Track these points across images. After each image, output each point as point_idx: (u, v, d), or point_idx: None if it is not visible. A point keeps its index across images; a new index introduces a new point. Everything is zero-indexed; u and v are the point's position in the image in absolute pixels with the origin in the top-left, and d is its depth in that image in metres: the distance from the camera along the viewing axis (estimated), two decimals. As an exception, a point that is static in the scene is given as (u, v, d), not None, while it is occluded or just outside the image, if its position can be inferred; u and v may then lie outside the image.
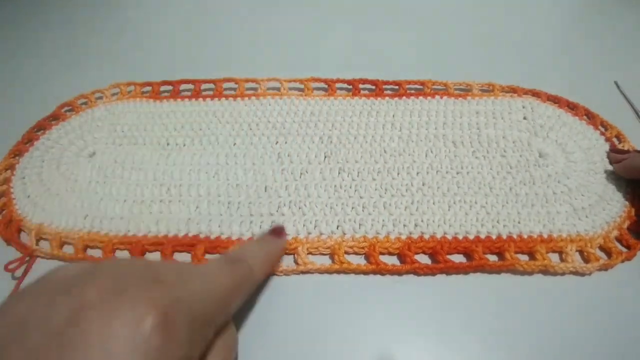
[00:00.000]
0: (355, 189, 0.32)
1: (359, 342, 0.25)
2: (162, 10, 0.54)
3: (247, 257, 0.24)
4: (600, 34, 0.48)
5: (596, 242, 0.29)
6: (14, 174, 0.34)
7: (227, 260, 0.23)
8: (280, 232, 0.28)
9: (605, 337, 0.25)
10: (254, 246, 0.26)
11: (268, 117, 0.37)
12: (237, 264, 0.23)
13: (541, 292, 0.27)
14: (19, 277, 0.29)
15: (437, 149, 0.34)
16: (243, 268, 0.23)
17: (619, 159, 0.32)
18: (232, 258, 0.23)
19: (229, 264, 0.22)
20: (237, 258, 0.23)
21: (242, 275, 0.22)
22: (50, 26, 0.52)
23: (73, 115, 0.39)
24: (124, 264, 0.20)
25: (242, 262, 0.23)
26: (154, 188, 0.32)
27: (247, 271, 0.23)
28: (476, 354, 0.24)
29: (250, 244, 0.27)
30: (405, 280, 0.28)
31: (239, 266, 0.23)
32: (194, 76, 0.41)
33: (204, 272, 0.21)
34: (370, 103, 0.38)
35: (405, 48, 0.46)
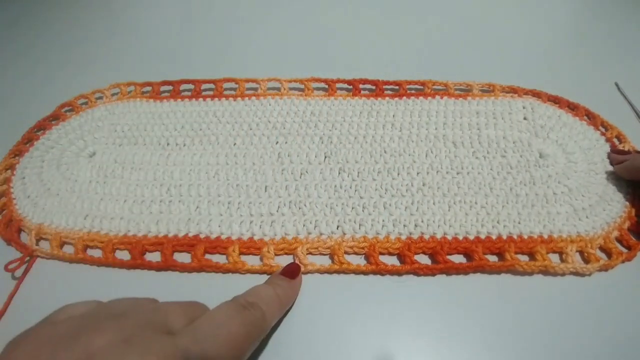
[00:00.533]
0: (355, 189, 0.32)
1: (359, 342, 0.25)
2: (163, 11, 0.54)
3: (260, 302, 0.22)
4: (600, 34, 0.48)
5: (596, 242, 0.29)
6: (14, 174, 0.34)
7: (239, 305, 0.21)
8: (295, 273, 0.27)
9: (606, 338, 0.25)
10: (269, 290, 0.24)
11: (268, 117, 0.37)
12: (250, 310, 0.21)
13: (541, 292, 0.27)
14: (19, 277, 0.29)
15: (437, 149, 0.34)
16: (256, 315, 0.22)
17: (620, 159, 0.32)
18: (244, 303, 0.22)
19: (241, 310, 0.21)
20: (250, 303, 0.22)
21: (255, 323, 0.21)
22: (50, 26, 0.52)
23: (73, 115, 0.39)
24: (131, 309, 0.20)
25: (255, 308, 0.22)
26: (154, 188, 0.32)
27: (259, 318, 0.22)
28: (476, 354, 0.24)
29: (265, 287, 0.24)
30: (405, 280, 0.27)
31: (252, 313, 0.21)
32: (194, 76, 0.41)
33: (215, 318, 0.20)
34: (370, 103, 0.38)
35: (405, 48, 0.46)
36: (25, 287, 0.28)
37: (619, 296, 0.26)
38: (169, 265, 0.28)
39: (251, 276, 0.28)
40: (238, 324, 0.20)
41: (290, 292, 0.26)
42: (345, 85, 0.39)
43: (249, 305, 0.22)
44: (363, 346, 0.25)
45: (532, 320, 0.25)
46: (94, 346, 0.17)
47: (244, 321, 0.21)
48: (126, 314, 0.19)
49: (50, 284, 0.28)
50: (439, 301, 0.26)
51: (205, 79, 0.41)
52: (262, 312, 0.22)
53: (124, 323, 0.18)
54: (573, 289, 0.27)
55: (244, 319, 0.21)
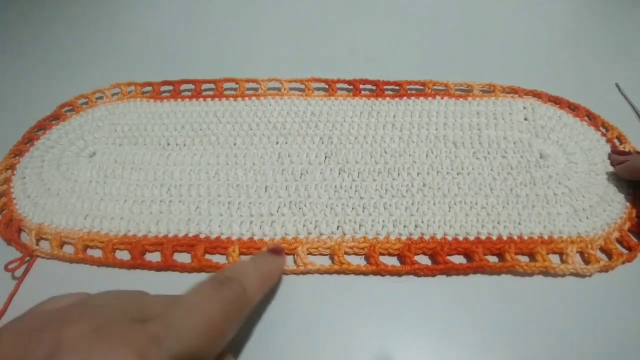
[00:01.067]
0: (355, 189, 0.32)
1: (359, 342, 0.25)
2: (163, 11, 0.54)
3: (239, 275, 0.21)
4: (601, 34, 0.48)
5: (597, 243, 0.28)
6: (14, 173, 0.34)
7: (216, 282, 0.20)
8: (278, 250, 0.26)
9: (606, 338, 0.25)
10: (248, 264, 0.23)
11: (268, 117, 0.37)
12: (227, 285, 0.20)
13: (541, 293, 0.27)
14: (19, 277, 0.29)
15: (437, 150, 0.34)
16: (234, 290, 0.20)
17: (621, 160, 0.32)
18: (221, 279, 0.21)
19: (218, 286, 0.20)
20: (227, 278, 0.21)
21: (233, 298, 0.20)
22: (50, 26, 0.52)
23: (73, 115, 0.39)
24: (114, 300, 0.19)
25: (233, 282, 0.21)
26: (154, 188, 0.32)
27: (239, 292, 0.20)
28: (476, 355, 0.24)
29: (244, 262, 0.24)
30: (404, 280, 0.27)
31: (230, 288, 0.20)
32: (195, 76, 0.41)
33: (189, 300, 0.19)
34: (370, 103, 0.38)
35: (405, 48, 0.46)
36: (25, 287, 0.28)
37: (619, 297, 0.26)
38: (169, 265, 0.28)
39: (251, 276, 0.28)
40: (214, 303, 0.19)
41: (274, 266, 0.25)
42: (345, 86, 0.39)
43: (227, 281, 0.20)
44: (363, 346, 0.25)
45: (532, 321, 0.25)
46: (62, 337, 0.16)
47: (221, 299, 0.20)
48: (107, 305, 0.19)
49: (50, 284, 0.28)
50: (439, 302, 0.26)
51: (205, 79, 0.41)
52: (242, 287, 0.21)
53: (99, 313, 0.18)
54: (573, 289, 0.27)
55: (221, 296, 0.20)
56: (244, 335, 0.25)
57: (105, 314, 0.18)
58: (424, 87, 0.39)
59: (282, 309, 0.26)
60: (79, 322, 0.17)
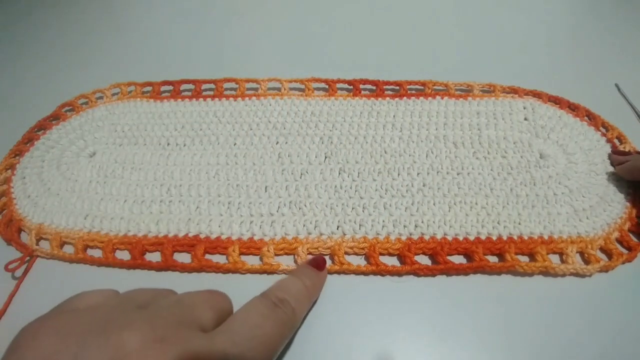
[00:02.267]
0: (355, 189, 0.32)
1: (359, 342, 0.25)
2: (163, 11, 0.54)
3: (290, 297, 0.22)
4: (601, 34, 0.48)
5: (597, 243, 0.28)
6: (14, 173, 0.34)
7: (271, 303, 0.21)
8: (321, 263, 0.26)
9: (606, 339, 0.25)
10: (298, 284, 0.24)
11: (268, 117, 0.37)
12: (281, 307, 0.21)
13: (541, 293, 0.27)
14: (19, 277, 0.29)
15: (437, 150, 0.34)
16: (287, 313, 0.21)
17: (621, 160, 0.32)
18: (276, 300, 0.21)
19: (273, 308, 0.21)
20: (281, 299, 0.22)
21: (287, 321, 0.21)
22: (50, 26, 0.52)
23: (73, 115, 0.39)
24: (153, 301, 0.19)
25: (285, 305, 0.22)
26: (154, 188, 0.32)
27: (290, 316, 0.22)
28: (476, 355, 0.24)
29: (294, 280, 0.24)
30: (405, 280, 0.27)
31: (284, 312, 0.21)
32: (195, 76, 0.41)
33: (250, 319, 0.20)
34: (370, 103, 0.38)
35: (405, 48, 0.46)
36: (25, 287, 0.28)
37: (619, 297, 0.26)
38: (169, 265, 0.28)
39: (251, 276, 0.28)
40: (272, 325, 0.20)
41: (318, 284, 0.26)
42: (345, 86, 0.39)
43: (280, 303, 0.21)
44: (363, 346, 0.25)
45: (532, 321, 0.25)
46: (127, 346, 0.16)
47: (277, 321, 0.21)
48: (150, 307, 0.19)
49: (50, 284, 0.28)
50: (439, 302, 0.26)
51: (205, 79, 0.41)
52: (292, 309, 0.22)
53: (154, 319, 0.17)
54: (573, 290, 0.27)
55: (276, 318, 0.21)
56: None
57: (160, 320, 0.17)
58: (424, 87, 0.39)
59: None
60: (138, 329, 0.16)
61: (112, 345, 0.16)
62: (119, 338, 0.16)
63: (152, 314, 0.18)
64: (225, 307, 0.21)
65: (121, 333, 0.16)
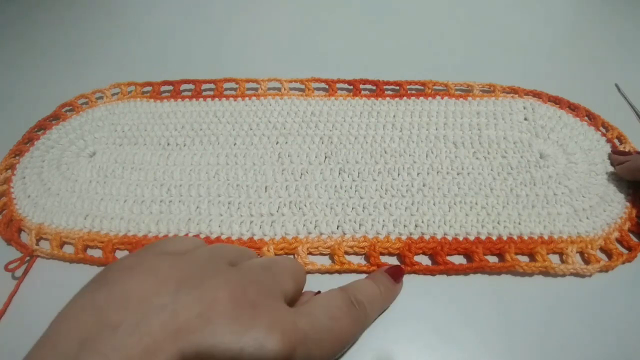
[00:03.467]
0: (355, 189, 0.32)
1: (359, 342, 0.25)
2: (163, 11, 0.54)
3: (367, 301, 0.22)
4: (600, 34, 0.48)
5: (597, 243, 0.28)
6: (15, 173, 0.34)
7: (351, 300, 0.22)
8: (400, 276, 0.26)
9: (606, 339, 0.25)
10: (375, 290, 0.24)
11: (268, 117, 0.37)
12: (359, 308, 0.22)
13: (541, 293, 0.27)
14: (19, 277, 0.29)
15: (437, 150, 0.34)
16: (363, 315, 0.22)
17: (621, 160, 0.32)
18: (355, 299, 0.22)
19: (352, 306, 0.21)
20: (360, 300, 0.22)
21: (360, 323, 0.22)
22: (50, 26, 0.52)
23: (73, 115, 0.39)
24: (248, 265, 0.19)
25: (362, 307, 0.22)
26: (154, 188, 0.32)
27: (363, 319, 0.22)
28: (476, 355, 0.24)
29: (373, 286, 0.24)
30: (406, 280, 0.27)
31: (361, 312, 0.22)
32: (195, 76, 0.41)
33: (330, 309, 0.20)
34: (370, 103, 0.38)
35: (405, 48, 0.46)
36: (25, 287, 0.28)
37: (619, 297, 0.26)
38: (169, 265, 0.28)
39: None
40: (348, 322, 0.21)
41: (392, 295, 0.26)
42: (345, 86, 0.39)
43: (358, 304, 0.22)
44: (363, 346, 0.25)
45: (532, 321, 0.25)
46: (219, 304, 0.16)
47: (353, 319, 0.21)
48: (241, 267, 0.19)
49: (50, 284, 0.28)
50: (439, 301, 0.26)
51: (205, 79, 0.41)
52: (366, 314, 0.22)
53: (246, 282, 0.18)
54: (573, 290, 0.27)
55: (353, 317, 0.21)
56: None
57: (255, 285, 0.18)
58: (424, 87, 0.39)
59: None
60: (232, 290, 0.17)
61: (207, 300, 0.16)
62: (214, 295, 0.16)
63: (244, 276, 0.18)
64: (304, 280, 0.22)
65: (216, 291, 0.17)
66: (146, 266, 0.17)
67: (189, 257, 0.19)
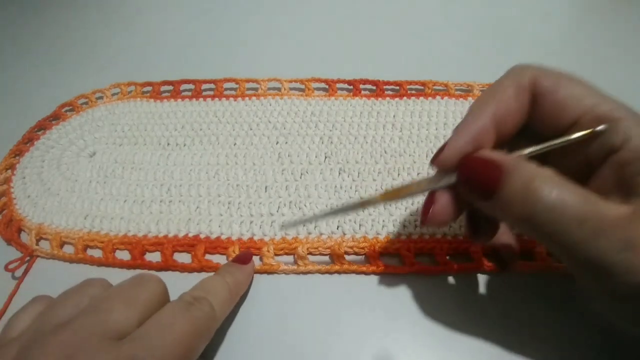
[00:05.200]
0: (355, 189, 0.32)
1: (359, 342, 0.25)
2: (163, 10, 0.54)
3: (207, 294, 0.22)
4: (600, 34, 0.48)
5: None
6: (14, 173, 0.34)
7: (185, 302, 0.21)
8: (247, 259, 0.27)
9: (606, 338, 0.25)
10: (216, 280, 0.24)
11: (268, 117, 0.37)
12: (196, 304, 0.21)
13: (541, 292, 0.27)
14: (19, 277, 0.29)
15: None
16: (203, 309, 0.21)
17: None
18: (190, 299, 0.21)
19: (187, 306, 0.21)
20: (196, 298, 0.21)
21: (202, 316, 0.21)
22: (50, 26, 0.52)
23: (73, 115, 0.39)
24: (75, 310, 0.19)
25: (201, 301, 0.21)
26: (154, 188, 0.32)
27: (207, 311, 0.21)
28: (476, 355, 0.24)
29: (213, 278, 0.24)
30: (405, 280, 0.27)
31: (199, 307, 0.21)
32: (195, 76, 0.41)
33: (162, 320, 0.20)
34: (370, 103, 0.38)
35: (405, 48, 0.46)
36: (25, 287, 0.28)
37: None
38: (169, 265, 0.28)
39: (251, 276, 0.28)
40: (183, 323, 0.20)
41: (241, 278, 0.25)
42: (345, 86, 0.39)
43: (195, 300, 0.21)
44: (363, 346, 0.25)
45: (533, 321, 0.25)
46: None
47: (190, 319, 0.20)
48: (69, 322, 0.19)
49: (50, 284, 0.28)
50: (439, 301, 0.26)
51: (205, 79, 0.41)
52: (209, 305, 0.21)
53: (68, 335, 0.18)
54: (573, 289, 0.27)
55: (190, 316, 0.20)
56: (244, 334, 0.25)
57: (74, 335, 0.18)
58: (424, 87, 0.39)
59: (282, 309, 0.26)
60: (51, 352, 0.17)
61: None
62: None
63: (66, 330, 0.18)
64: (148, 296, 0.20)
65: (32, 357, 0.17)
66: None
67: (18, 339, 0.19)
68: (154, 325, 0.19)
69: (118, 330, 0.18)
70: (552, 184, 0.17)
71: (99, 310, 0.19)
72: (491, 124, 0.20)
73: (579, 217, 0.17)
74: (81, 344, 0.17)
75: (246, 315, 0.26)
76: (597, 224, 0.17)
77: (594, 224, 0.17)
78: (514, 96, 0.21)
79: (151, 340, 0.18)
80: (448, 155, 0.20)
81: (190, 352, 0.20)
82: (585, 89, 0.20)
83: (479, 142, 0.20)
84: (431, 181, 0.21)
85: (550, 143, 0.20)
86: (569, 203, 0.17)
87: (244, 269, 0.26)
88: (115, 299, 0.20)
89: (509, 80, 0.21)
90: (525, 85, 0.21)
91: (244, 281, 0.26)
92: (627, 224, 0.17)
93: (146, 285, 0.21)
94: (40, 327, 0.19)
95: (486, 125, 0.20)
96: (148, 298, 0.20)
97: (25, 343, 0.18)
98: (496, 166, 0.19)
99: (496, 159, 0.19)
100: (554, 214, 0.17)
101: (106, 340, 0.18)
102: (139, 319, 0.19)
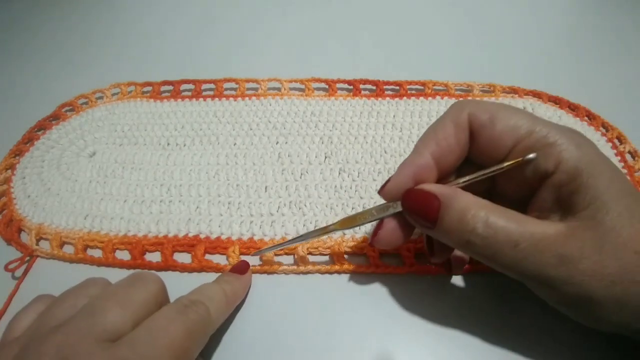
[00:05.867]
0: (355, 189, 0.32)
1: (359, 342, 0.25)
2: (163, 11, 0.54)
3: (204, 298, 0.22)
4: (601, 34, 0.48)
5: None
6: (14, 173, 0.34)
7: (181, 305, 0.21)
8: (244, 269, 0.27)
9: (606, 338, 0.25)
10: (213, 286, 0.24)
11: (268, 117, 0.37)
12: (191, 307, 0.21)
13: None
14: (19, 277, 0.29)
15: (437, 150, 0.34)
16: (198, 312, 0.21)
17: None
18: (187, 302, 0.21)
19: (183, 309, 0.20)
20: (192, 301, 0.21)
21: (198, 321, 0.20)
22: (50, 26, 0.52)
23: (73, 115, 0.39)
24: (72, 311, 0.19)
25: (197, 304, 0.21)
26: (154, 188, 0.32)
27: (203, 314, 0.21)
28: (476, 355, 0.24)
29: (210, 285, 0.24)
30: (405, 280, 0.27)
31: (193, 310, 0.21)
32: (195, 76, 0.41)
33: (155, 323, 0.19)
34: (370, 103, 0.38)
35: (405, 48, 0.46)
36: (25, 287, 0.28)
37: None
38: (169, 265, 0.28)
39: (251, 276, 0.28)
40: (177, 326, 0.19)
41: (238, 287, 0.26)
42: (345, 86, 0.39)
43: (191, 304, 0.21)
44: (363, 346, 0.25)
45: (533, 321, 0.25)
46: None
47: (185, 322, 0.20)
48: (65, 323, 0.19)
49: (50, 284, 0.28)
50: (439, 301, 0.26)
51: (205, 79, 0.41)
52: (205, 309, 0.21)
53: (63, 337, 0.18)
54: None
55: (185, 320, 0.20)
56: (244, 334, 0.25)
57: (69, 337, 0.18)
58: (424, 87, 0.39)
59: (282, 309, 0.26)
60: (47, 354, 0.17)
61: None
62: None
63: (62, 332, 0.18)
64: (144, 297, 0.20)
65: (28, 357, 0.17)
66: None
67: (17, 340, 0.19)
68: (148, 328, 0.19)
69: (113, 331, 0.18)
70: (486, 212, 0.19)
71: (95, 312, 0.19)
72: (432, 160, 0.22)
73: (513, 240, 0.19)
74: (75, 345, 0.17)
75: (246, 315, 0.26)
76: (531, 245, 0.19)
77: (527, 245, 0.19)
78: (454, 134, 0.22)
79: (144, 344, 0.18)
80: (391, 189, 0.23)
81: (184, 356, 0.19)
82: (520, 118, 0.21)
83: (420, 177, 0.22)
84: (381, 209, 0.23)
85: (483, 172, 0.22)
86: (502, 229, 0.19)
87: (241, 278, 0.26)
88: (111, 299, 0.20)
89: (448, 118, 0.22)
90: (463, 122, 0.22)
91: (241, 290, 0.26)
92: (563, 240, 0.19)
93: (143, 285, 0.21)
94: (39, 327, 0.19)
95: (427, 162, 0.22)
96: (145, 298, 0.20)
97: (23, 343, 0.18)
98: (434, 198, 0.21)
99: (434, 192, 0.21)
100: (488, 240, 0.19)
101: (100, 342, 0.18)
102: (134, 320, 0.19)
